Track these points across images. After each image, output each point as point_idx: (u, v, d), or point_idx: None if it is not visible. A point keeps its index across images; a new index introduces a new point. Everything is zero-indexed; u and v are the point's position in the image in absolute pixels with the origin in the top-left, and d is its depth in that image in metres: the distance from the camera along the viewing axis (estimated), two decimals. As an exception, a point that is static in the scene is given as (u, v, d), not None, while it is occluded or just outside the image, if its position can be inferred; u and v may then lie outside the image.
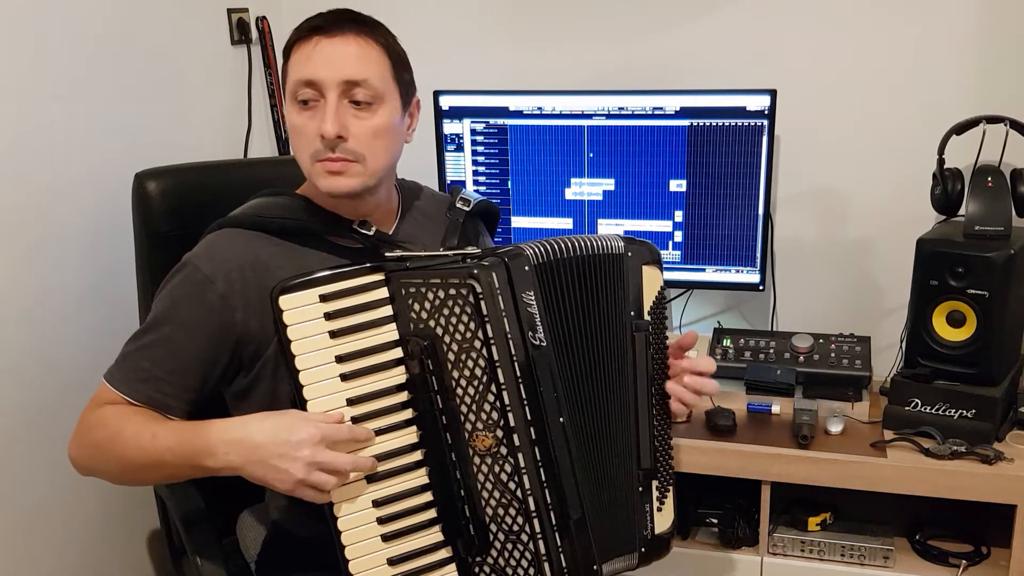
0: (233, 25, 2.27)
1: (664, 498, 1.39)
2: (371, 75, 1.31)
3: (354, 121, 1.31)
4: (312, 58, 1.29)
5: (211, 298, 1.30)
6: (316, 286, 1.23)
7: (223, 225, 1.37)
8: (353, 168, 1.32)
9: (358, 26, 1.32)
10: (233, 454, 1.19)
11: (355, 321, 1.24)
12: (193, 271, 1.31)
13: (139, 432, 1.25)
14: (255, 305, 1.31)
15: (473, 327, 1.20)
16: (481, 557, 1.26)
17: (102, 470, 1.32)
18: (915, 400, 1.84)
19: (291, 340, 1.21)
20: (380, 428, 1.24)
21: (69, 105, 1.82)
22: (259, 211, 1.39)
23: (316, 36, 1.30)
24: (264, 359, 1.33)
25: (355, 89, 1.30)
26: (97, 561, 1.94)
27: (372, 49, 1.32)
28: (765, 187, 2.03)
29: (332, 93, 1.29)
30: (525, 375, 1.21)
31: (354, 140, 1.31)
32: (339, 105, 1.29)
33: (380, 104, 1.32)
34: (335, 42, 1.30)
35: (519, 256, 1.23)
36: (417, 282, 1.23)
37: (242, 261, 1.32)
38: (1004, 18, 1.99)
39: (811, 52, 2.12)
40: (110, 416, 1.29)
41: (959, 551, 1.87)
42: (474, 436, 1.22)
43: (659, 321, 1.38)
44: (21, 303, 1.74)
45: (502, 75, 2.32)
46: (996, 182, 1.81)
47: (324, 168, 1.32)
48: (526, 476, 1.21)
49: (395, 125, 1.36)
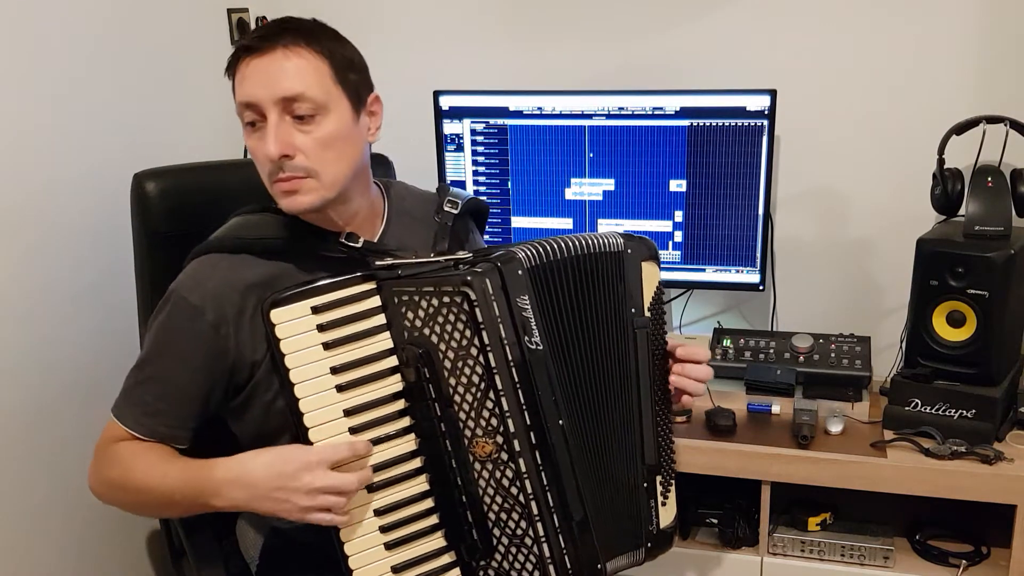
0: (233, 25, 2.27)
1: (668, 492, 1.39)
2: (307, 87, 1.25)
3: (299, 136, 1.26)
4: (246, 79, 1.26)
5: (202, 328, 1.29)
6: (307, 298, 1.22)
7: (207, 250, 1.35)
8: (307, 184, 1.28)
9: (290, 36, 1.26)
10: (236, 493, 1.20)
11: (348, 331, 1.23)
12: (182, 303, 1.30)
13: (148, 472, 1.27)
14: (246, 330, 1.30)
15: (469, 335, 1.19)
16: (485, 561, 1.26)
17: (119, 503, 1.34)
18: (915, 400, 1.84)
19: (284, 353, 1.21)
20: (379, 437, 1.24)
21: (68, 105, 1.82)
22: (241, 232, 1.36)
23: (246, 56, 1.26)
24: (256, 380, 1.32)
25: (294, 104, 1.25)
26: (97, 561, 1.94)
27: (304, 59, 1.26)
28: (765, 187, 2.03)
29: (271, 113, 1.25)
30: (523, 380, 1.20)
31: (301, 156, 1.26)
32: (280, 123, 1.25)
33: (324, 114, 1.27)
34: (264, 60, 1.25)
35: (512, 260, 1.22)
36: (410, 290, 1.23)
37: (230, 287, 1.30)
38: (1004, 18, 1.99)
39: (811, 52, 2.12)
40: (122, 454, 1.30)
41: (959, 551, 1.87)
42: (474, 443, 1.22)
43: (658, 317, 1.37)
44: (20, 303, 1.73)
45: (502, 75, 2.32)
46: (996, 182, 1.81)
47: (279, 189, 1.29)
48: (527, 481, 1.21)
49: (345, 132, 1.30)
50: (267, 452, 1.21)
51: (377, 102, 1.38)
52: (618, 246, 1.34)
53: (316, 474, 1.17)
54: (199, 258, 1.35)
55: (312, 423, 1.22)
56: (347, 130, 1.30)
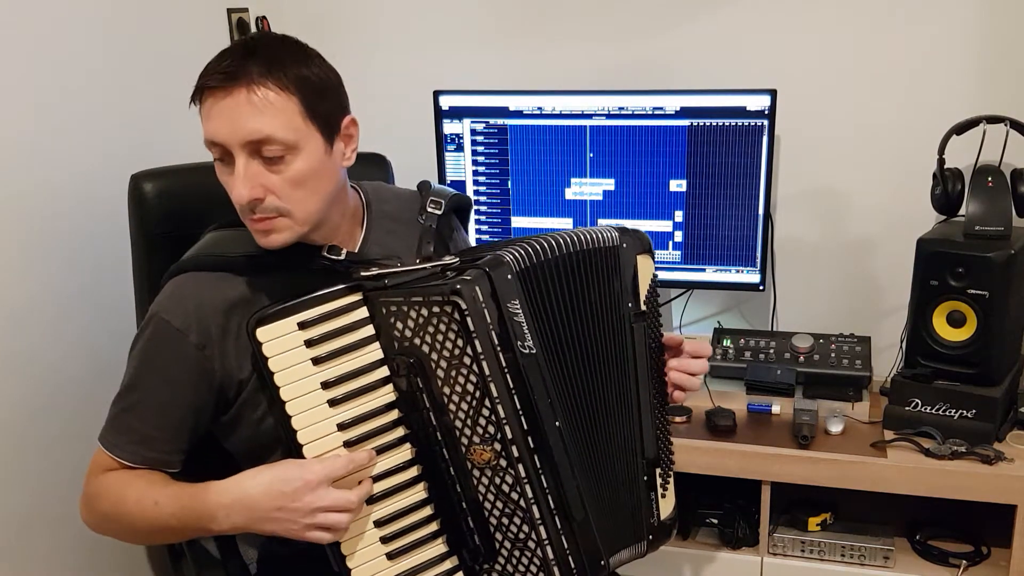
0: (233, 25, 2.27)
1: (667, 484, 1.38)
2: (275, 128, 1.18)
3: (269, 177, 1.20)
4: (211, 118, 1.19)
5: (187, 350, 1.26)
6: (293, 314, 1.20)
7: (184, 268, 1.31)
8: (280, 223, 1.23)
9: (255, 70, 1.18)
10: (235, 516, 1.18)
11: (337, 345, 1.21)
12: (164, 325, 1.27)
13: (140, 500, 1.24)
14: (231, 350, 1.28)
15: (461, 344, 1.17)
16: (489, 565, 1.26)
17: (113, 534, 1.31)
18: (915, 400, 1.84)
19: (274, 371, 1.19)
20: (374, 448, 1.23)
21: (66, 105, 1.82)
22: (217, 249, 1.32)
23: (208, 94, 1.19)
24: (243, 398, 1.30)
25: (262, 147, 1.19)
26: (97, 562, 1.94)
27: (271, 97, 1.18)
28: (765, 187, 2.02)
29: (239, 155, 1.19)
30: (517, 385, 1.19)
31: (272, 196, 1.21)
32: (248, 165, 1.19)
33: (294, 153, 1.21)
34: (228, 100, 1.17)
35: (501, 265, 1.20)
36: (398, 300, 1.21)
37: (211, 307, 1.27)
38: (1004, 18, 1.99)
39: (811, 52, 2.12)
40: (111, 485, 1.27)
41: (959, 551, 1.87)
42: (471, 450, 1.21)
43: (654, 310, 1.37)
44: (17, 304, 1.73)
45: (502, 75, 2.31)
46: (996, 182, 1.81)
47: (253, 228, 1.26)
48: (528, 485, 1.20)
49: (317, 167, 1.23)
50: (265, 472, 1.18)
51: (353, 125, 1.31)
52: (613, 240, 1.31)
53: (318, 493, 1.15)
54: (176, 278, 1.31)
55: (306, 439, 1.20)
56: (319, 165, 1.24)
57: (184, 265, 1.32)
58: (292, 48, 1.24)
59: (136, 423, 1.28)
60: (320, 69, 1.25)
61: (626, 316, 1.32)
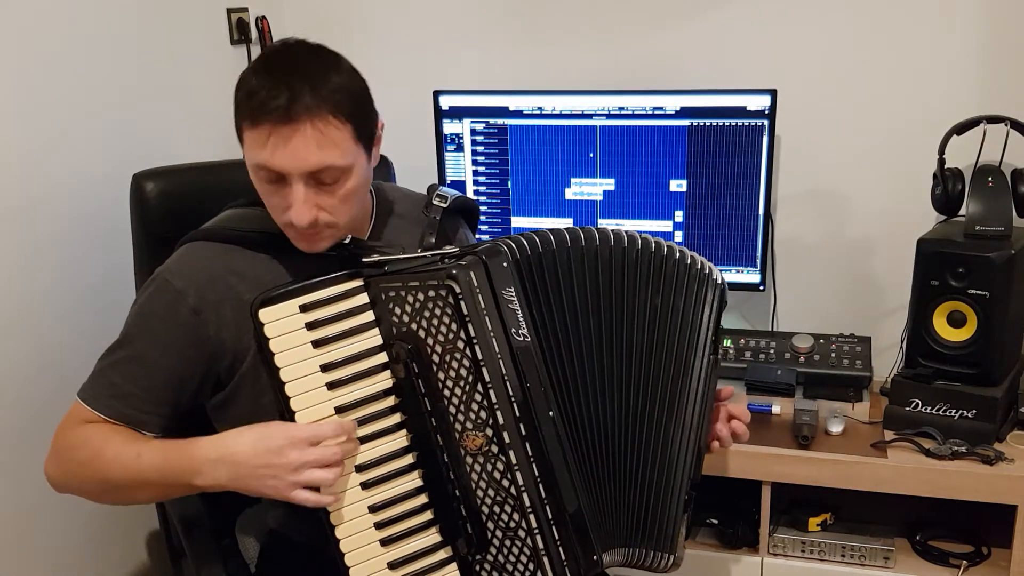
0: (233, 25, 2.27)
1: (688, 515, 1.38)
2: (335, 158, 1.22)
3: (324, 198, 1.24)
4: (267, 148, 1.20)
5: (183, 312, 1.28)
6: (295, 296, 1.22)
7: (196, 237, 1.34)
8: (326, 232, 1.28)
9: (310, 99, 1.19)
10: (219, 471, 1.19)
11: (338, 329, 1.24)
12: (165, 285, 1.30)
13: (121, 451, 1.24)
14: (229, 319, 1.29)
15: (455, 328, 1.19)
16: (481, 555, 1.26)
17: (82, 489, 1.30)
18: (915, 400, 1.84)
19: (274, 352, 1.21)
20: (370, 434, 1.24)
21: (68, 105, 1.82)
22: (232, 224, 1.36)
23: (267, 125, 1.19)
24: (241, 373, 1.31)
25: (321, 174, 1.22)
26: (97, 561, 1.94)
27: (331, 130, 1.21)
28: (765, 187, 2.02)
29: (297, 183, 1.22)
30: (511, 372, 1.20)
31: (324, 213, 1.25)
32: (306, 193, 1.22)
33: (348, 174, 1.25)
34: (292, 136, 1.19)
35: (498, 253, 1.21)
36: (396, 285, 1.23)
37: (215, 274, 1.30)
38: (1005, 18, 1.99)
39: (811, 52, 2.12)
40: (91, 435, 1.26)
41: (959, 551, 1.86)
42: (464, 436, 1.22)
43: (718, 357, 1.37)
44: (19, 304, 1.73)
45: (502, 75, 2.32)
46: (996, 182, 1.81)
47: (296, 235, 1.29)
48: (519, 473, 1.21)
49: (364, 180, 1.30)
50: (251, 429, 1.20)
51: (381, 127, 1.34)
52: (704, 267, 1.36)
53: (303, 451, 1.16)
54: (188, 244, 1.35)
55: (304, 421, 1.21)
56: (365, 178, 1.30)
57: (197, 235, 1.35)
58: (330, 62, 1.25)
59: (117, 378, 1.29)
60: (353, 78, 1.27)
61: (696, 345, 1.33)
